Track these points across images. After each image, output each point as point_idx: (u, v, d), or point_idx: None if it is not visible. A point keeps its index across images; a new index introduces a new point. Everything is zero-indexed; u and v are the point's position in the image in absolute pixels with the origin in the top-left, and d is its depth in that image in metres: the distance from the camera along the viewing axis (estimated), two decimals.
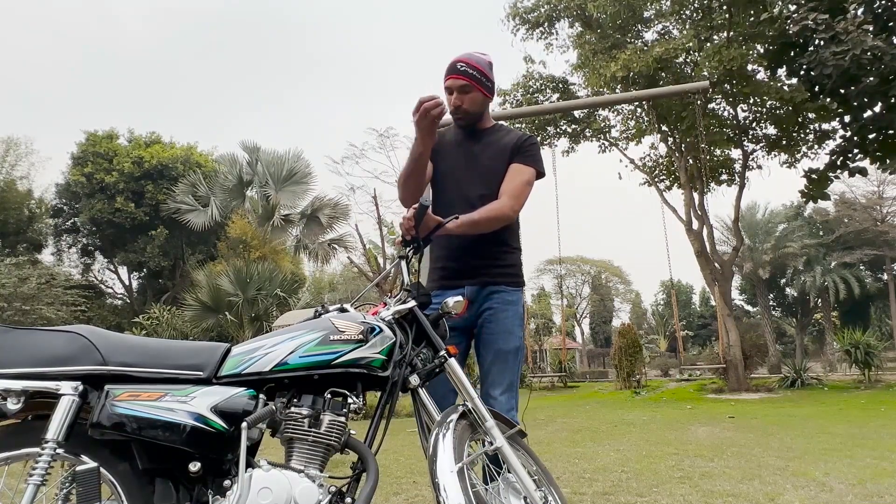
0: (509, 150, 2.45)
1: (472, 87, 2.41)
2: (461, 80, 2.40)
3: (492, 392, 2.37)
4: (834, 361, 22.67)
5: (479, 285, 2.41)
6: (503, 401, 2.35)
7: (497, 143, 2.48)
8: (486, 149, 2.48)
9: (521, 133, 2.55)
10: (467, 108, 2.43)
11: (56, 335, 1.72)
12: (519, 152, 2.45)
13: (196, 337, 15.43)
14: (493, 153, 2.46)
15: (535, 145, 2.51)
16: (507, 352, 2.39)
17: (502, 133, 2.54)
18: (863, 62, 9.73)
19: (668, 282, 39.80)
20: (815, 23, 9.98)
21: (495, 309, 2.40)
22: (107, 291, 25.80)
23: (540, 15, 15.40)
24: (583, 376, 25.23)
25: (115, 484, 1.68)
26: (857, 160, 11.71)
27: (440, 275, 2.49)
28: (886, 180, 28.00)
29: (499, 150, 2.46)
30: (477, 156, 2.47)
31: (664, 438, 6.52)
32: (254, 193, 21.00)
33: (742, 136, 15.90)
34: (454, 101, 2.42)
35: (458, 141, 2.52)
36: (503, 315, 2.40)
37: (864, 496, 3.50)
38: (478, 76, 2.40)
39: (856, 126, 11.18)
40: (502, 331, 2.39)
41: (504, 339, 2.39)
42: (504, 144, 2.47)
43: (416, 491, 3.94)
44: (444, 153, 2.50)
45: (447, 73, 2.42)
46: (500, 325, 2.40)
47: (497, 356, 2.39)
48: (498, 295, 2.41)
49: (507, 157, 2.44)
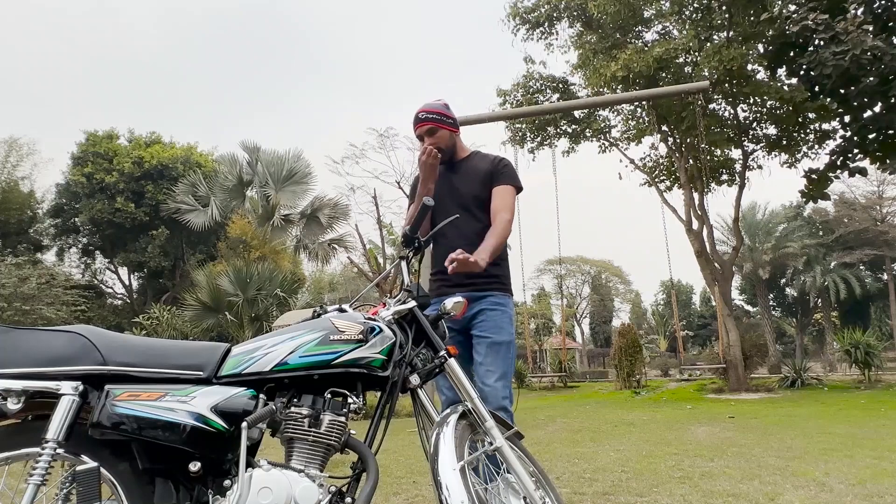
0: (487, 175, 2.78)
1: (436, 129, 2.78)
2: (426, 125, 2.78)
3: (486, 381, 2.54)
4: (834, 361, 22.69)
5: (471, 292, 2.65)
6: (498, 387, 2.53)
7: (473, 170, 2.82)
8: (464, 177, 2.82)
9: (493, 157, 2.90)
10: (440, 145, 2.76)
11: (56, 335, 1.72)
12: (497, 176, 2.78)
13: (196, 337, 15.44)
14: (471, 180, 2.80)
15: (509, 166, 2.84)
16: (500, 343, 2.62)
17: (477, 159, 2.88)
18: (863, 62, 9.73)
19: (668, 282, 39.83)
20: (815, 23, 9.98)
21: (486, 309, 2.68)
22: (107, 291, 25.80)
23: (540, 15, 15.39)
24: (583, 376, 25.22)
25: (115, 484, 1.68)
26: (857, 160, 11.71)
27: (437, 284, 2.80)
28: (886, 180, 28.03)
29: (476, 177, 2.80)
30: (456, 185, 2.81)
31: (664, 438, 6.52)
32: (254, 193, 21.01)
33: (742, 136, 15.89)
34: (428, 144, 2.76)
35: (441, 173, 2.84)
36: (494, 314, 2.67)
37: (864, 496, 3.50)
38: (437, 118, 2.78)
39: (856, 126, 11.18)
40: (494, 326, 2.65)
41: (496, 332, 2.63)
42: (479, 170, 2.81)
43: (416, 491, 3.94)
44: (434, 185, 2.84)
45: (414, 124, 2.81)
46: (491, 322, 2.65)
47: (490, 347, 2.61)
48: (488, 298, 2.69)
49: (484, 181, 2.77)
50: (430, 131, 2.78)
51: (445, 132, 2.80)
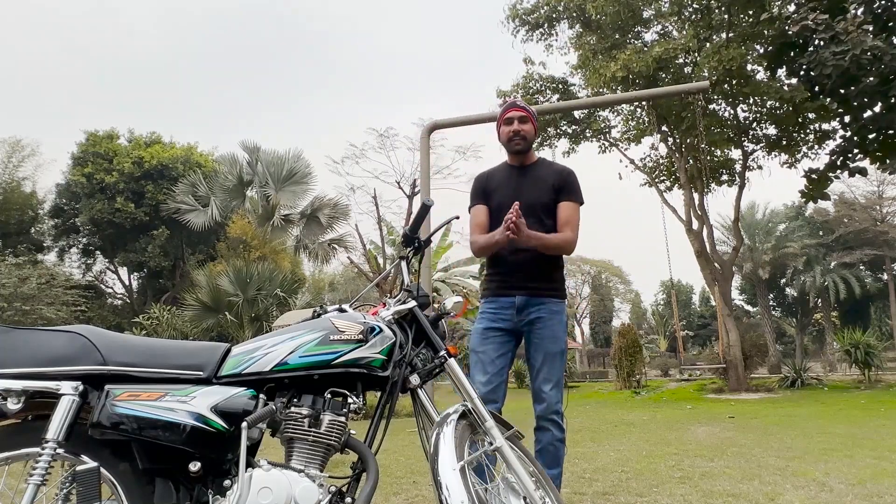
0: (555, 186, 2.85)
1: (528, 119, 2.88)
2: (521, 112, 2.87)
3: (543, 388, 2.72)
4: (834, 361, 22.70)
5: (529, 296, 2.77)
6: (553, 395, 2.71)
7: (541, 178, 2.89)
8: (532, 184, 2.87)
9: (561, 168, 2.97)
10: (525, 135, 2.86)
11: (56, 335, 1.72)
12: (565, 189, 2.85)
13: (196, 337, 15.43)
14: (538, 188, 2.86)
15: (576, 180, 2.92)
16: (555, 353, 2.75)
17: (544, 167, 2.95)
18: (863, 62, 9.72)
19: (668, 282, 39.81)
20: (815, 23, 9.96)
21: (544, 318, 2.76)
22: (107, 291, 25.80)
23: (540, 16, 15.37)
24: (583, 376, 25.22)
25: (115, 484, 1.68)
26: (857, 160, 11.69)
27: (496, 284, 2.86)
28: (886, 180, 28.01)
29: (544, 185, 2.86)
30: (525, 191, 2.84)
31: (664, 438, 6.52)
32: (254, 193, 21.00)
33: (742, 137, 15.88)
34: (514, 129, 2.86)
35: (508, 176, 2.94)
36: (550, 322, 2.76)
37: (864, 496, 3.50)
38: (532, 113, 2.91)
39: (856, 126, 11.17)
40: (550, 336, 2.75)
41: (552, 342, 2.75)
42: (547, 179, 2.87)
43: (416, 491, 3.94)
44: (498, 189, 2.91)
45: (508, 107, 2.90)
46: (548, 331, 2.75)
47: (546, 357, 2.74)
48: (545, 306, 2.77)
49: (550, 191, 2.84)
50: (522, 119, 2.86)
51: (532, 128, 2.91)
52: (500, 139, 2.96)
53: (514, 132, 2.86)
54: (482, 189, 2.95)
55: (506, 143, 2.92)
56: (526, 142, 2.88)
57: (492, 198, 2.92)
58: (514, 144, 2.89)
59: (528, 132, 2.88)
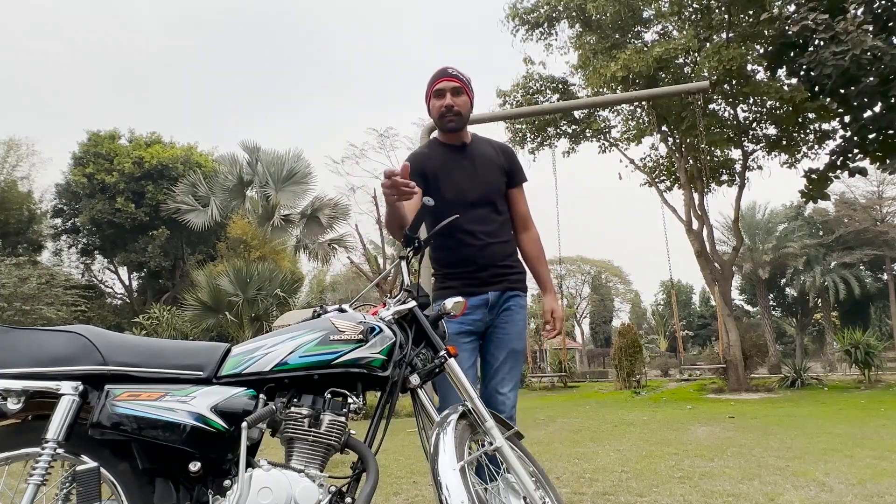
0: (502, 166, 2.63)
1: (462, 90, 2.51)
2: (454, 83, 2.50)
3: (501, 389, 2.50)
4: (834, 361, 22.71)
5: (501, 290, 2.54)
6: (512, 397, 2.51)
7: (488, 159, 2.62)
8: (481, 166, 2.59)
9: (499, 144, 2.73)
10: (459, 109, 2.51)
11: (56, 335, 1.72)
12: (514, 171, 2.66)
13: (196, 337, 15.44)
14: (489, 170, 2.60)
15: (517, 157, 2.75)
16: (519, 352, 2.56)
17: (484, 145, 2.68)
18: (863, 62, 9.73)
19: (668, 282, 39.79)
20: (815, 23, 9.98)
21: (513, 311, 2.56)
22: (107, 291, 25.80)
23: (539, 16, 15.37)
24: (583, 376, 25.22)
25: (115, 484, 1.68)
26: (857, 160, 11.70)
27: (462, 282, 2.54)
28: (886, 180, 27.99)
29: (491, 166, 2.61)
30: (479, 175, 2.57)
31: (664, 438, 6.52)
32: (254, 193, 21.01)
33: (742, 137, 15.89)
34: (447, 102, 2.49)
35: (452, 159, 2.59)
36: (518, 317, 2.57)
37: (864, 496, 3.50)
38: (467, 82, 2.54)
39: (856, 126, 11.18)
40: (516, 332, 2.55)
41: (517, 339, 2.55)
42: (494, 161, 2.63)
43: (416, 491, 3.94)
44: (444, 176, 2.55)
45: (437, 76, 2.52)
46: (515, 327, 2.55)
47: (510, 355, 2.53)
48: (514, 300, 2.57)
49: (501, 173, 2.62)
50: (456, 90, 2.49)
51: (468, 100, 2.54)
52: (432, 115, 2.58)
53: (447, 107, 2.48)
54: (421, 171, 2.47)
55: (437, 120, 2.54)
56: (461, 118, 2.51)
57: (439, 183, 2.51)
58: (447, 122, 2.51)
59: (464, 105, 2.51)
